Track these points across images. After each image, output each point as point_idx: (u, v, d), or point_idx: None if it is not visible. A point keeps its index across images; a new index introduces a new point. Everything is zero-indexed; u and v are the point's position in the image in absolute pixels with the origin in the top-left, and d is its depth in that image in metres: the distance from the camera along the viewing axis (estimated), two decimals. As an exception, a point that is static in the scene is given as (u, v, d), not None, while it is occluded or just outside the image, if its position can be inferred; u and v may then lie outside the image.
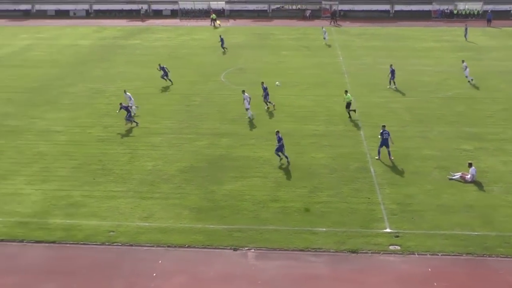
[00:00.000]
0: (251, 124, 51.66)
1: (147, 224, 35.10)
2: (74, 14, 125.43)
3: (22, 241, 33.50)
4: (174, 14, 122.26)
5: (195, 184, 40.27)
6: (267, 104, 56.37)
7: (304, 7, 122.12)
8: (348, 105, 53.22)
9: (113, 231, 34.27)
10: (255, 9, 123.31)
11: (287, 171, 41.95)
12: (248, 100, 53.04)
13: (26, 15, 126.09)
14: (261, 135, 48.97)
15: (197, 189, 39.42)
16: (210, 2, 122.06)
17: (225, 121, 52.84)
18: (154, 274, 30.42)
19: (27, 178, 41.38)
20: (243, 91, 54.08)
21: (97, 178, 41.42)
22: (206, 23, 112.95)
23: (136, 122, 52.18)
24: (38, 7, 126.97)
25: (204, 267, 30.99)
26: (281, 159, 43.55)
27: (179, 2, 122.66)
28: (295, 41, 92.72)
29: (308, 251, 32.30)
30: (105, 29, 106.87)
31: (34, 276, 30.34)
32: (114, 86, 65.36)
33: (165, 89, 63.81)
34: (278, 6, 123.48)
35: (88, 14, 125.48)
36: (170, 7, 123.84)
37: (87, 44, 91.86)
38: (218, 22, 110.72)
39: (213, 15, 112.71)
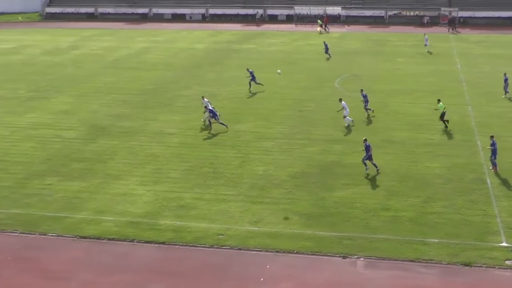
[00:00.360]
0: (365, 131, 50.80)
1: (256, 228, 34.86)
2: (190, 18, 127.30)
3: (132, 240, 33.79)
4: (289, 19, 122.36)
5: (305, 190, 39.81)
6: (367, 112, 55.47)
7: (422, 13, 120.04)
8: (443, 114, 51.72)
9: (222, 234, 34.17)
10: (372, 15, 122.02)
11: (399, 180, 40.98)
12: (346, 108, 52.39)
13: (144, 18, 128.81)
14: (374, 142, 48.03)
15: (307, 195, 38.95)
16: (326, 8, 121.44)
17: (338, 127, 52.18)
18: (262, 279, 30.10)
19: (140, 179, 41.86)
20: (340, 99, 53.74)
21: (208, 181, 41.49)
22: (321, 28, 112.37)
23: (215, 123, 51.99)
24: (155, 10, 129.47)
25: (312, 273, 30.47)
26: (367, 168, 42.60)
27: (295, 7, 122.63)
28: (412, 48, 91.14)
29: (419, 262, 31.32)
30: (220, 33, 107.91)
31: (143, 276, 30.51)
32: (227, 89, 65.67)
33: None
34: (396, 12, 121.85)
35: (204, 18, 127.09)
36: (286, 12, 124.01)
37: (202, 48, 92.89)
38: (319, 28, 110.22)
39: (319, 21, 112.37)
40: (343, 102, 53.14)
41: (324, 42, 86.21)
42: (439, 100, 52.69)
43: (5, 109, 58.67)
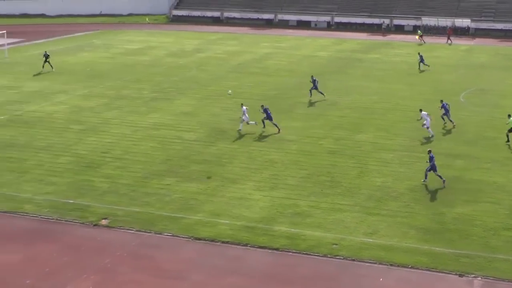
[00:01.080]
0: (488, 147, 49.37)
1: (371, 240, 34.33)
2: (315, 25, 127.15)
3: (246, 245, 33.86)
4: (416, 29, 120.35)
5: (424, 204, 38.95)
6: (452, 122, 54.89)
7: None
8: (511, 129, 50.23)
9: (336, 244, 33.81)
10: (503, 28, 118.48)
11: (523, 199, 39.63)
12: (428, 119, 51.64)
13: (268, 24, 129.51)
14: (498, 159, 46.67)
15: (425, 210, 38.09)
16: (455, 20, 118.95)
17: (461, 142, 50.90)
18: (374, 293, 29.66)
19: (256, 184, 41.96)
20: (420, 110, 53.22)
21: (325, 189, 41.20)
22: (446, 40, 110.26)
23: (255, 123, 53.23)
24: (280, 17, 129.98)
25: (426, 290, 29.80)
26: (424, 180, 42.11)
27: (422, 18, 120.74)
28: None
29: (541, 286, 30.13)
30: (344, 42, 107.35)
31: (255, 280, 30.53)
32: (349, 99, 65.19)
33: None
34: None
35: (329, 26, 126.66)
36: (413, 22, 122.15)
37: (325, 56, 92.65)
38: (417, 37, 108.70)
39: (419, 31, 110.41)
40: (423, 112, 52.46)
41: (419, 54, 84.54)
42: (509, 115, 50.84)
43: (129, 108, 60.07)
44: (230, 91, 59.66)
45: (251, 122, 53.34)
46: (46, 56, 78.22)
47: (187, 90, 68.60)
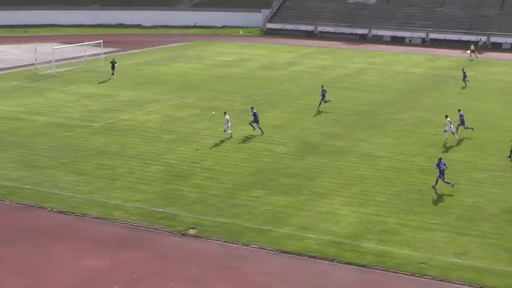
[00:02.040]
0: None
1: (460, 261, 33.57)
2: (410, 41, 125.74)
3: (333, 260, 33.56)
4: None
5: (517, 226, 37.97)
6: (469, 127, 56.79)
7: None
8: None
9: (424, 263, 33.20)
10: None
11: None
12: (450, 125, 54.16)
13: (362, 39, 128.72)
14: None
15: (518, 232, 37.14)
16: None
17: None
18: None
19: (345, 199, 41.62)
20: (446, 116, 55.11)
21: (415, 207, 40.56)
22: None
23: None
24: (374, 32, 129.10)
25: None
26: (433, 186, 43.52)
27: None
28: None
29: None
30: (439, 59, 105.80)
31: (340, 298, 30.26)
32: (442, 116, 63.95)
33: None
34: None
35: (424, 42, 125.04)
36: (511, 40, 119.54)
37: (419, 72, 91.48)
38: (469, 52, 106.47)
39: (472, 46, 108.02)
40: (448, 119, 54.51)
41: (463, 70, 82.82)
42: None
43: (220, 119, 60.19)
44: (214, 112, 59.21)
45: (228, 131, 54.37)
46: (113, 63, 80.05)
47: (278, 103, 68.68)
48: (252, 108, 56.85)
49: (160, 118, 60.81)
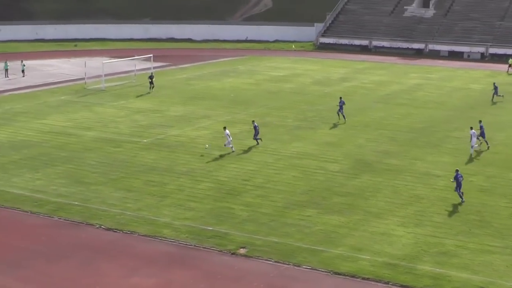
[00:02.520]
0: None
1: (524, 286, 32.20)
2: (468, 56, 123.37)
3: (387, 283, 32.52)
4: None
5: None
6: (486, 143, 56.72)
7: None
8: None
9: (484, 288, 31.92)
10: None
11: None
12: (473, 137, 54.41)
13: (418, 54, 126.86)
14: None
15: None
16: None
17: None
18: None
19: (401, 220, 40.41)
20: (471, 128, 55.19)
21: (473, 229, 39.15)
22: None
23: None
24: (431, 47, 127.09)
25: None
26: (462, 201, 43.32)
27: None
28: None
29: None
30: (499, 74, 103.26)
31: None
32: (503, 134, 62.24)
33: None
34: None
35: (483, 58, 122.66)
36: None
37: (478, 89, 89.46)
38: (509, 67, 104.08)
39: (511, 59, 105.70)
40: (472, 130, 54.47)
41: (494, 84, 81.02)
42: None
43: (272, 136, 59.57)
44: (207, 145, 56.49)
45: (228, 145, 53.93)
46: (151, 77, 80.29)
47: (332, 119, 67.46)
48: (253, 121, 56.99)
49: (210, 134, 60.15)
